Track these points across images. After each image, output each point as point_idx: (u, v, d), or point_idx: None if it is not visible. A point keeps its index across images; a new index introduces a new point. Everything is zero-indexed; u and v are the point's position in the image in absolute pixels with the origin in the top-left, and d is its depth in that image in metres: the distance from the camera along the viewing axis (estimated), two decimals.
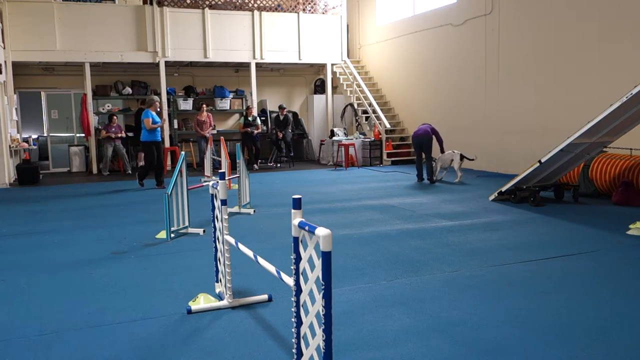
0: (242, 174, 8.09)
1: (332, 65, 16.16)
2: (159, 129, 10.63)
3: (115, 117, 13.77)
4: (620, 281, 4.58)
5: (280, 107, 14.94)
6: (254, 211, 8.05)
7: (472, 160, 11.46)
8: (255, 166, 14.23)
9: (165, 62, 14.12)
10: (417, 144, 10.97)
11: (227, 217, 3.99)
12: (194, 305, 4.06)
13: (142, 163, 14.24)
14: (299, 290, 2.70)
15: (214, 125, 14.81)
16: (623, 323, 3.70)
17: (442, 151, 11.09)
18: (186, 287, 4.61)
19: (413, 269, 5.02)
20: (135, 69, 15.03)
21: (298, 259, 2.68)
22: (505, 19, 11.84)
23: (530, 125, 11.37)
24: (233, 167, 12.51)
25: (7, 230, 7.13)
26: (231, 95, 15.69)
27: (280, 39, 15.15)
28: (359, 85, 15.91)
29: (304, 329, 2.71)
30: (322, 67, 16.37)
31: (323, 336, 2.40)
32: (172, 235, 6.45)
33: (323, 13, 15.77)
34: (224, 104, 15.49)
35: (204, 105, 13.30)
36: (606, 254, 5.42)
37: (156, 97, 10.89)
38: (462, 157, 10.98)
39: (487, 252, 5.57)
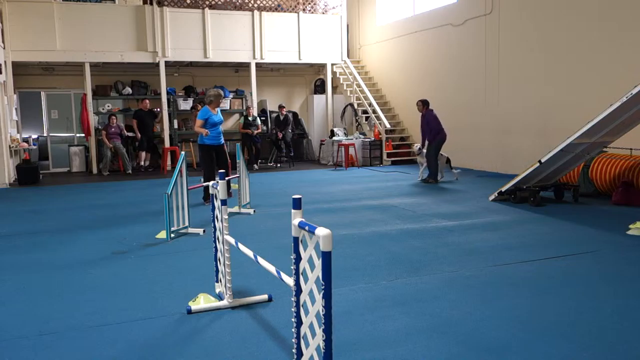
0: (242, 174, 8.09)
1: (332, 65, 16.15)
2: (220, 130, 8.45)
3: (114, 117, 13.75)
4: (620, 281, 4.58)
5: (280, 107, 14.93)
6: (254, 211, 8.05)
7: (453, 170, 11.43)
8: (255, 166, 14.23)
9: (165, 62, 14.11)
10: (442, 144, 10.91)
11: (227, 217, 3.99)
12: (194, 305, 4.06)
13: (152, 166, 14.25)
14: (299, 290, 2.70)
15: None
16: (623, 323, 3.70)
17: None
18: (186, 287, 4.61)
19: (413, 269, 5.02)
20: (135, 69, 15.02)
21: (298, 259, 2.68)
22: (505, 19, 11.83)
23: (530, 125, 11.36)
24: (233, 167, 12.49)
25: (7, 230, 7.13)
26: (231, 95, 15.68)
27: (280, 39, 15.15)
28: (359, 85, 15.90)
29: (304, 329, 2.71)
30: (322, 67, 16.37)
31: (323, 336, 2.40)
32: (172, 235, 6.45)
33: (323, 13, 15.76)
34: (224, 104, 15.47)
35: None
36: (606, 254, 5.42)
37: (217, 92, 8.39)
38: (448, 160, 11.28)
39: (487, 252, 5.57)
